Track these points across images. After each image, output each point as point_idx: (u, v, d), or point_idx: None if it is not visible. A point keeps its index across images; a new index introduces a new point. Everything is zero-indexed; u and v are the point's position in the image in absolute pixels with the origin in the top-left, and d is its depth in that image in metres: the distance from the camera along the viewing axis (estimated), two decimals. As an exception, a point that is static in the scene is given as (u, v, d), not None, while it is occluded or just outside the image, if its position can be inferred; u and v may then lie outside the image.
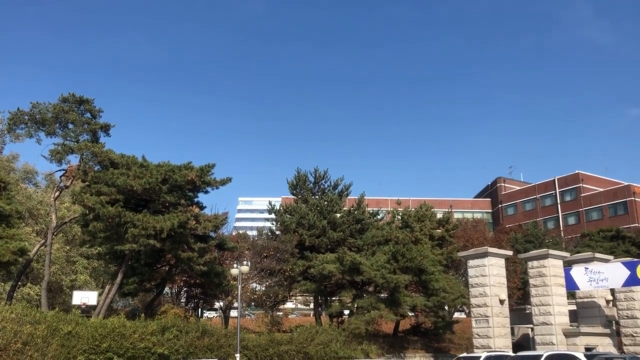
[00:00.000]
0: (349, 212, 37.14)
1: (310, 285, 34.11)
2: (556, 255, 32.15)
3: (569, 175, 77.08)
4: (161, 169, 26.32)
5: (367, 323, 31.31)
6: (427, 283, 34.12)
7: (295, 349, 27.72)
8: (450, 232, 41.63)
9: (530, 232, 54.09)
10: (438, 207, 60.29)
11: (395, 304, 32.24)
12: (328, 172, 39.10)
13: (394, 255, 32.98)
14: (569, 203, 75.72)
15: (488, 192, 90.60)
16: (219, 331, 26.56)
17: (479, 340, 29.66)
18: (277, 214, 38.07)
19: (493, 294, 29.78)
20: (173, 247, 26.00)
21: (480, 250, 31.53)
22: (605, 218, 70.17)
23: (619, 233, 55.83)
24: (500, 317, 29.73)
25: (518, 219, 76.65)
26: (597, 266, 31.99)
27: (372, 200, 66.92)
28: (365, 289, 34.69)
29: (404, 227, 39.97)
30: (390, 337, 35.67)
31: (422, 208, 42.12)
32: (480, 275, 30.46)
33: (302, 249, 35.24)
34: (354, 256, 31.59)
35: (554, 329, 29.98)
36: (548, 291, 30.71)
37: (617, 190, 72.38)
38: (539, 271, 31.44)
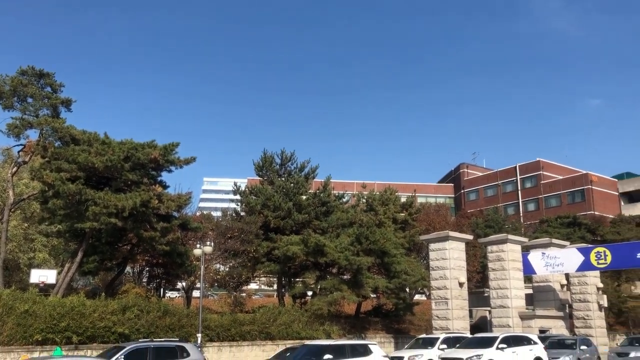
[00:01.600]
0: (314, 195, 37.22)
1: (274, 267, 34.21)
2: (515, 241, 33.05)
3: (530, 162, 78.89)
4: (124, 147, 25.81)
5: (329, 304, 31.65)
6: (389, 265, 34.63)
7: (257, 329, 27.87)
8: (414, 215, 42.24)
9: (491, 218, 55.31)
10: (402, 191, 61.02)
11: (357, 285, 32.64)
12: (295, 154, 39.03)
13: (358, 237, 33.30)
14: (529, 190, 77.62)
15: (451, 177, 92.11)
16: (180, 311, 26.45)
17: (438, 321, 30.37)
18: (242, 195, 37.87)
19: (453, 277, 30.46)
20: (135, 226, 25.64)
21: (441, 234, 32.13)
22: (563, 205, 72.23)
23: (576, 220, 57.64)
24: (459, 300, 30.46)
25: (480, 204, 78.21)
26: (553, 251, 33.04)
27: (338, 183, 67.22)
28: (329, 270, 35.00)
29: (369, 210, 40.36)
30: (352, 318, 36.17)
31: (387, 192, 42.59)
32: (441, 258, 31.09)
33: (267, 231, 35.24)
34: (319, 238, 31.77)
35: (511, 311, 30.91)
36: (506, 275, 31.60)
37: (576, 179, 74.51)
38: (497, 255, 32.29)
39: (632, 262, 30.63)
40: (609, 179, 75.99)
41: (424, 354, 22.91)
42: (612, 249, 31.14)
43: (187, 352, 16.85)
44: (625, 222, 59.86)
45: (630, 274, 50.74)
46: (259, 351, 27.26)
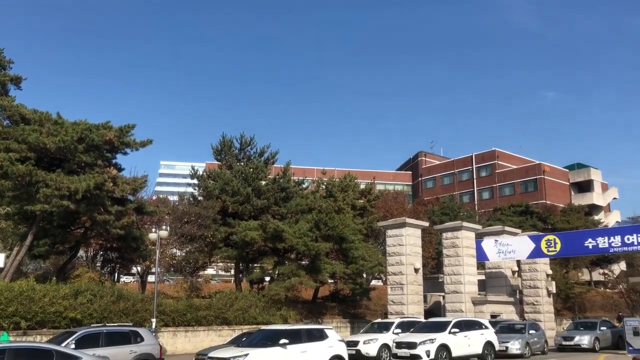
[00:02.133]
0: (274, 180, 37.07)
1: (232, 252, 34.00)
2: (469, 228, 33.79)
3: (486, 152, 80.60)
4: (77, 127, 25.01)
5: (287, 289, 31.72)
6: (347, 251, 34.91)
7: (214, 314, 27.72)
8: (372, 202, 42.62)
9: (447, 205, 56.38)
10: (362, 178, 61.46)
11: (315, 271, 32.80)
12: (254, 139, 38.69)
13: (317, 223, 33.40)
14: (484, 178, 79.38)
15: (410, 165, 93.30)
16: (135, 296, 26.03)
17: (394, 306, 30.86)
18: (200, 179, 37.38)
19: (409, 263, 30.95)
20: (88, 209, 24.98)
21: (398, 221, 32.55)
22: (516, 194, 74.21)
23: (528, 208, 59.37)
24: (414, 285, 31.00)
25: (436, 192, 79.60)
26: (506, 239, 33.94)
27: (298, 169, 67.15)
28: (287, 256, 35.01)
29: (328, 196, 40.48)
30: (309, 303, 36.37)
31: (346, 178, 42.78)
32: (398, 244, 31.52)
33: (225, 216, 34.93)
34: (277, 224, 31.71)
35: (464, 297, 31.68)
36: (460, 261, 32.32)
37: (529, 168, 76.60)
38: (452, 242, 32.96)
39: (580, 249, 31.76)
40: (560, 169, 78.44)
41: (379, 338, 23.26)
42: (562, 237, 32.20)
43: (141, 337, 16.61)
44: (575, 211, 62.07)
45: (577, 262, 52.78)
46: (215, 336, 27.14)
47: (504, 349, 24.27)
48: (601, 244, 29.95)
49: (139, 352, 16.08)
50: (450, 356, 20.75)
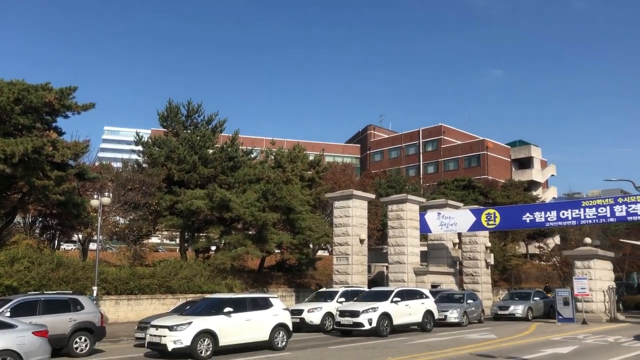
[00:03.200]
0: (221, 149, 36.58)
1: (177, 221, 33.54)
2: (414, 201, 34.54)
3: (433, 127, 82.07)
4: (14, 88, 23.76)
5: (233, 259, 31.71)
6: (294, 222, 35.10)
7: (157, 282, 27.42)
8: (320, 174, 42.85)
9: (393, 178, 57.29)
10: (311, 149, 61.49)
11: (262, 241, 32.87)
12: (202, 106, 37.92)
13: (265, 194, 33.34)
14: (430, 153, 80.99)
15: (359, 138, 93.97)
16: (76, 264, 25.39)
17: (338, 276, 31.39)
18: (144, 146, 36.45)
19: (354, 234, 31.44)
20: (26, 174, 23.93)
21: (346, 193, 32.91)
22: (460, 169, 76.15)
23: (471, 183, 61.05)
24: (359, 256, 31.58)
25: (384, 165, 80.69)
26: (448, 212, 34.89)
27: (247, 138, 66.48)
28: (234, 225, 34.90)
29: (277, 167, 40.38)
30: (255, 273, 36.54)
31: (295, 149, 42.75)
32: (345, 216, 31.92)
33: (171, 184, 34.32)
34: (224, 193, 31.45)
35: (406, 267, 32.54)
36: (404, 233, 33.09)
37: (473, 144, 78.61)
38: (397, 214, 33.65)
39: (518, 223, 33.05)
40: (503, 145, 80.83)
41: (323, 306, 23.64)
42: (501, 211, 33.40)
43: (81, 304, 16.24)
44: (515, 186, 64.34)
45: (515, 235, 54.97)
46: (159, 304, 26.90)
47: (443, 317, 25.18)
48: (538, 219, 31.25)
49: (78, 320, 15.75)
50: (392, 324, 21.35)
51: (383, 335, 20.66)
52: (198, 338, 14.85)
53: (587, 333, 21.90)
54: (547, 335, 21.33)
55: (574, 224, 32.93)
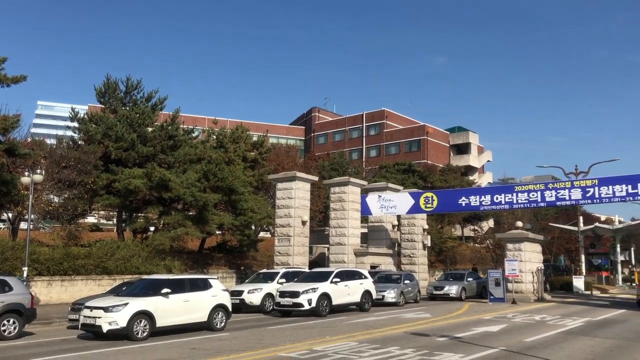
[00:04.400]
0: (161, 127, 35.65)
1: (114, 200, 32.60)
2: (356, 183, 34.98)
3: (376, 111, 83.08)
4: None
5: (172, 239, 31.19)
6: (236, 203, 34.84)
7: (93, 263, 26.68)
8: (264, 155, 42.61)
9: (337, 161, 57.79)
10: (255, 130, 61.04)
11: (203, 221, 32.48)
12: (142, 83, 36.70)
13: (206, 174, 32.87)
14: (373, 137, 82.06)
15: (303, 120, 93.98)
16: (5, 243, 24.34)
17: (280, 257, 31.50)
18: (80, 122, 35.02)
19: (297, 216, 31.57)
20: (-51, 149, 22.67)
21: (289, 175, 32.92)
22: (401, 153, 77.64)
23: (411, 167, 62.44)
24: (301, 237, 31.77)
25: (327, 147, 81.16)
26: (389, 195, 35.56)
27: (188, 117, 65.20)
28: (174, 206, 34.29)
29: (219, 147, 39.81)
30: (196, 254, 36.13)
31: (238, 130, 42.26)
32: (287, 197, 31.96)
33: (108, 162, 33.21)
34: (164, 172, 30.79)
35: (347, 248, 33.03)
36: (345, 215, 33.51)
37: (414, 129, 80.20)
38: (339, 196, 34.00)
39: (455, 207, 34.10)
40: (442, 131, 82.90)
41: (264, 287, 23.70)
42: (439, 194, 34.34)
43: (10, 286, 15.60)
44: (453, 171, 66.31)
45: (452, 218, 56.78)
46: (95, 285, 26.20)
47: (380, 297, 25.78)
48: (473, 202, 32.34)
49: (7, 302, 15.14)
50: (331, 304, 21.68)
51: (322, 315, 20.96)
52: (134, 319, 14.60)
53: (516, 312, 22.97)
54: (479, 314, 22.23)
55: (507, 208, 34.32)
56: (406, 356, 11.59)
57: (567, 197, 29.64)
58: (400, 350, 12.40)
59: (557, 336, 15.44)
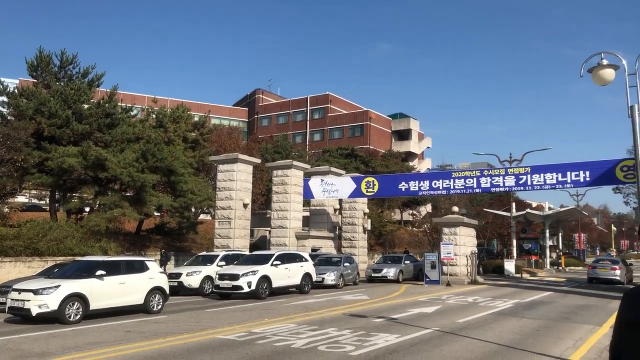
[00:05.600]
0: (98, 104, 34.32)
1: (47, 179, 31.23)
2: (299, 167, 35.02)
3: (320, 95, 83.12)
4: None
5: (108, 221, 30.29)
6: (176, 184, 34.15)
7: (23, 244, 25.52)
8: (205, 136, 41.85)
9: (280, 144, 57.59)
10: (196, 110, 59.80)
11: (140, 203, 31.67)
12: (77, 58, 35.16)
13: (144, 154, 31.99)
14: (317, 121, 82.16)
15: (246, 101, 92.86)
16: None
17: (220, 240, 31.23)
18: (10, 96, 33.20)
19: (238, 198, 31.32)
20: None
21: (231, 156, 32.56)
22: (344, 138, 78.18)
23: (353, 152, 63.05)
24: (242, 220, 31.57)
25: (271, 130, 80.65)
26: (331, 179, 35.82)
27: (127, 95, 63.07)
28: (110, 186, 33.24)
29: (158, 126, 38.75)
30: (133, 236, 35.26)
31: (179, 109, 41.23)
32: (229, 179, 31.64)
33: (40, 139, 31.71)
34: (100, 151, 29.75)
35: (289, 231, 33.11)
36: (287, 198, 33.52)
37: (357, 114, 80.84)
38: (282, 180, 33.96)
39: (395, 191, 34.78)
40: (385, 117, 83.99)
41: (203, 270, 23.46)
42: (380, 179, 34.89)
43: None
44: (394, 156, 67.44)
45: (391, 202, 57.84)
46: (24, 267, 25.10)
47: (320, 280, 26.06)
48: (412, 188, 33.08)
49: None
50: (271, 287, 21.73)
51: (262, 297, 20.98)
52: (66, 302, 14.14)
53: (450, 294, 23.77)
54: (415, 296, 22.87)
55: (444, 194, 35.29)
56: (344, 337, 11.79)
57: (501, 183, 30.78)
58: (338, 331, 12.59)
59: (488, 317, 16.09)
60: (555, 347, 11.11)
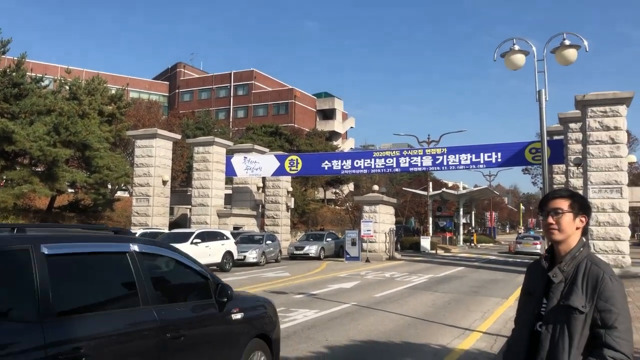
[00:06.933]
0: (4, 73, 32.04)
1: (-55, 152, 29.04)
2: (221, 144, 34.50)
3: (245, 71, 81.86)
4: None
5: (16, 197, 28.67)
6: (91, 159, 32.74)
7: None
8: (122, 110, 40.19)
9: (202, 120, 56.44)
10: (113, 83, 57.29)
11: (52, 178, 30.14)
12: (-20, 21, 32.64)
13: (56, 127, 30.38)
14: (240, 97, 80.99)
15: (167, 75, 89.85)
16: None
17: (138, 218, 30.36)
18: None
19: (157, 175, 30.50)
20: None
21: (149, 131, 31.56)
22: (269, 115, 77.64)
23: (278, 130, 62.86)
24: (161, 197, 30.81)
25: (193, 106, 78.70)
26: (254, 156, 35.58)
27: (37, 64, 59.22)
28: (19, 160, 31.41)
29: (72, 98, 36.81)
30: (44, 213, 33.56)
31: (95, 81, 39.31)
32: (147, 155, 30.70)
33: (-63, 108, 29.37)
34: (6, 123, 27.91)
35: (210, 209, 32.68)
36: (209, 175, 33.01)
37: (282, 92, 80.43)
38: (203, 156, 33.35)
39: (318, 170, 35.10)
40: (310, 96, 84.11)
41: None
42: (303, 158, 35.06)
43: None
44: (318, 135, 67.85)
45: (315, 181, 58.37)
46: None
47: (242, 257, 25.98)
48: (335, 167, 33.50)
49: None
50: (191, 265, 21.42)
51: (181, 276, 20.66)
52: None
53: (369, 270, 24.45)
54: (335, 272, 23.34)
55: (366, 173, 36.10)
56: (263, 314, 11.85)
57: (419, 164, 31.80)
58: (257, 308, 12.64)
59: (403, 291, 16.72)
60: (464, 319, 11.73)
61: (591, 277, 2.61)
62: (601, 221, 22.07)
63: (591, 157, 22.67)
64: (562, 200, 2.77)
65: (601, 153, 22.52)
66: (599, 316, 2.55)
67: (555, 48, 11.89)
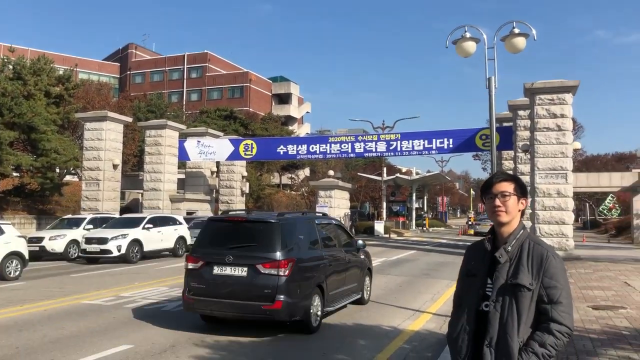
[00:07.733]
0: (-59, 50, 30.52)
1: None
2: (173, 127, 33.89)
3: (199, 53, 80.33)
4: None
5: (-44, 181, 27.38)
6: (37, 142, 31.58)
7: None
8: (71, 91, 38.83)
9: (154, 103, 55.09)
10: (61, 63, 55.37)
11: (-5, 162, 28.95)
12: None
13: (0, 108, 29.13)
14: (194, 80, 79.53)
15: (118, 56, 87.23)
16: None
17: (88, 202, 29.60)
18: None
19: (107, 159, 29.76)
20: None
21: (99, 114, 30.71)
22: (224, 99, 76.60)
23: (232, 114, 62.10)
24: (112, 182, 30.11)
25: (145, 88, 76.75)
26: (208, 140, 35.12)
27: (-22, 42, 56.47)
28: (-42, 143, 29.92)
29: (16, 79, 35.26)
30: (-13, 197, 32.23)
31: (41, 61, 37.76)
32: (97, 139, 29.90)
33: None
34: (-55, 103, 26.59)
35: (162, 194, 32.15)
36: (161, 160, 32.42)
37: (237, 75, 79.43)
38: (155, 140, 32.70)
39: (273, 155, 34.96)
40: (265, 80, 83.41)
41: (68, 234, 22.10)
42: (258, 142, 34.83)
43: None
44: (273, 120, 67.45)
45: (271, 166, 58.12)
46: None
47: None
48: (291, 151, 33.45)
49: None
50: (142, 250, 21.07)
51: (133, 261, 20.32)
52: None
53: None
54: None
55: (321, 158, 36.20)
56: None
57: (374, 149, 32.11)
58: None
59: (356, 275, 16.92)
60: (415, 301, 12.00)
61: (536, 256, 2.73)
62: (547, 206, 22.85)
63: (538, 144, 23.38)
64: (507, 184, 2.87)
65: (548, 140, 23.25)
66: (545, 292, 2.68)
67: (505, 36, 12.16)
